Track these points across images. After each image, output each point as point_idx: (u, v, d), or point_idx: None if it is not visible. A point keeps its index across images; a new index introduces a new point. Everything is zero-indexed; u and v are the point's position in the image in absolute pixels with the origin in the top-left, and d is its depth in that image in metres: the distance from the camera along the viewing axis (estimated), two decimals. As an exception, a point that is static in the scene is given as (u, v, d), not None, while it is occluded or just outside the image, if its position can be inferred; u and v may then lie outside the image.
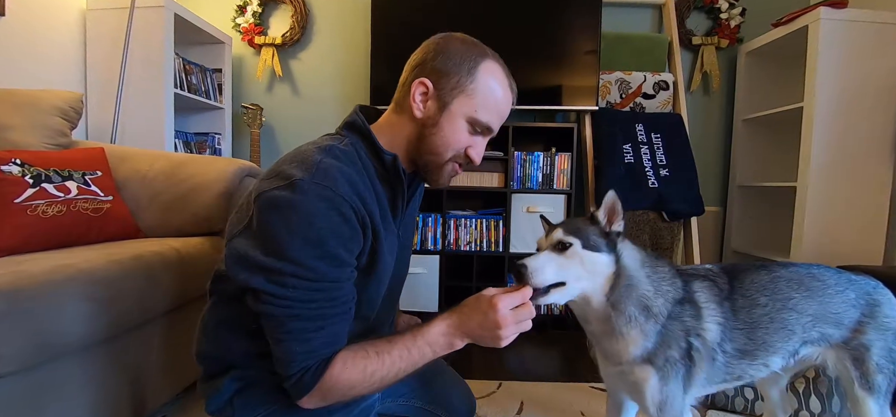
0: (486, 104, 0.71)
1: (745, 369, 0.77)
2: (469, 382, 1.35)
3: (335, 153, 0.65)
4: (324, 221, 0.59)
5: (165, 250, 1.04)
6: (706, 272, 0.79)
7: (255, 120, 2.05)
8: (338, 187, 0.60)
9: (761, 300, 0.76)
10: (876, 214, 1.77)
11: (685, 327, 0.72)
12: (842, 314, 0.78)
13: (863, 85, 1.74)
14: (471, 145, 0.73)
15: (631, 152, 1.92)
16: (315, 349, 0.61)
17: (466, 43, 0.73)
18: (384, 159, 0.70)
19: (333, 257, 0.60)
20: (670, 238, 1.92)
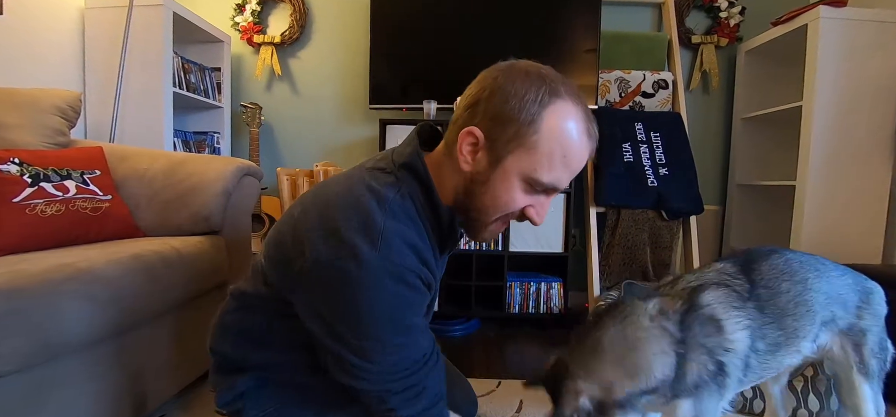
0: (551, 160, 0.58)
1: (781, 360, 0.75)
2: (468, 380, 1.36)
3: (395, 212, 0.59)
4: (395, 299, 0.58)
5: (165, 250, 1.04)
6: (719, 277, 0.74)
7: (254, 119, 2.05)
8: (405, 260, 0.58)
9: (783, 287, 0.73)
10: (875, 213, 1.77)
11: (707, 349, 0.67)
12: (846, 297, 0.79)
13: (862, 84, 1.74)
14: (531, 206, 0.62)
15: (630, 151, 1.92)
16: (425, 408, 0.64)
17: (531, 77, 0.58)
18: (440, 215, 0.64)
19: (409, 326, 0.61)
20: (669, 237, 1.92)
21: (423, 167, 0.63)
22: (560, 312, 1.95)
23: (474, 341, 1.80)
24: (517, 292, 1.94)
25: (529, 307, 1.95)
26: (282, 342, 0.69)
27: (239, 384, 0.70)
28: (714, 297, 0.70)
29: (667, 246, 1.92)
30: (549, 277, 1.97)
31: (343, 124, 2.25)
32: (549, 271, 2.03)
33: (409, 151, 0.64)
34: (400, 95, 2.01)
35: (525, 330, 1.91)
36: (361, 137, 2.25)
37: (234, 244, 1.32)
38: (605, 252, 1.94)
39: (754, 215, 2.21)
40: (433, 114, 1.90)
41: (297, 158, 2.26)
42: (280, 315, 0.66)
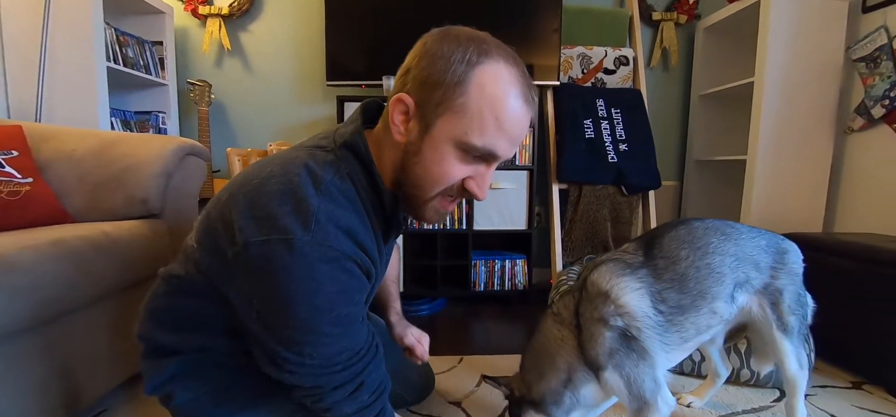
0: (482, 122, 0.54)
1: (695, 321, 0.77)
2: (432, 359, 1.34)
3: (332, 194, 0.55)
4: (330, 285, 0.54)
5: (94, 234, 0.96)
6: (612, 255, 0.80)
7: (203, 97, 1.92)
8: (341, 245, 0.54)
9: (682, 253, 0.77)
10: (817, 185, 1.86)
11: (599, 318, 0.73)
12: (758, 257, 0.82)
13: (809, 61, 1.81)
14: (470, 176, 0.58)
15: (591, 127, 1.94)
16: (366, 403, 0.62)
17: (461, 39, 0.55)
18: (383, 197, 0.62)
19: (344, 316, 0.57)
20: (629, 212, 1.97)
21: (365, 147, 0.60)
22: (524, 288, 1.97)
23: (440, 319, 1.80)
24: (482, 270, 1.95)
25: (494, 285, 1.96)
26: (217, 327, 0.64)
27: (169, 367, 0.65)
28: (598, 273, 0.77)
29: (626, 221, 1.97)
30: (513, 254, 1.98)
31: (299, 102, 2.15)
32: (513, 248, 2.04)
33: (351, 130, 0.61)
34: (358, 72, 1.93)
35: (490, 307, 1.92)
36: (319, 116, 2.16)
37: (178, 229, 1.24)
38: (567, 228, 1.97)
39: (710, 190, 2.29)
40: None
41: (252, 138, 2.15)
42: (215, 301, 0.61)
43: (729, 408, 1.08)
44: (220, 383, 0.66)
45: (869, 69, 1.72)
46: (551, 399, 0.78)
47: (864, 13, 1.77)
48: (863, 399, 1.14)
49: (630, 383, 0.72)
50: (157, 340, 0.67)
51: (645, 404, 0.72)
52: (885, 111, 1.66)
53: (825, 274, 1.18)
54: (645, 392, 0.72)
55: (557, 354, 0.77)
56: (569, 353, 0.76)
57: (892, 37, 1.64)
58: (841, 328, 1.24)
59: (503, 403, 1.11)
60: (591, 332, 0.74)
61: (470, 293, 1.96)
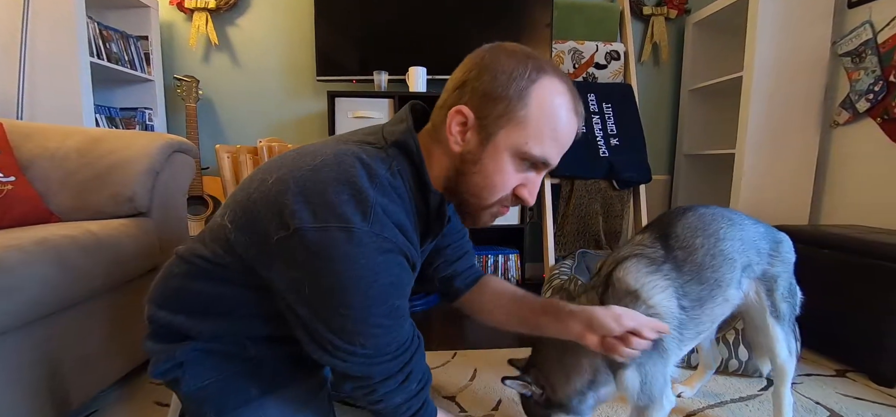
0: (540, 134, 0.58)
1: (710, 311, 0.77)
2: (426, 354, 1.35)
3: (385, 188, 0.57)
4: (385, 277, 0.56)
5: (79, 234, 0.94)
6: (633, 250, 0.77)
7: (190, 93, 1.89)
8: (397, 238, 0.56)
9: (697, 242, 0.76)
10: (803, 178, 1.89)
11: None
12: (759, 244, 0.82)
13: (796, 56, 1.83)
14: (523, 184, 0.62)
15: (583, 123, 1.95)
16: (413, 391, 0.64)
17: (518, 56, 0.59)
18: (429, 198, 0.63)
19: (396, 308, 0.59)
20: (621, 206, 1.98)
21: (417, 147, 0.62)
22: (518, 282, 1.97)
23: (434, 315, 1.80)
24: (475, 265, 1.95)
25: (487, 280, 1.96)
26: (236, 312, 0.64)
27: (178, 353, 0.64)
28: (626, 270, 0.74)
29: (618, 215, 1.98)
30: (506, 249, 1.99)
31: (289, 98, 2.13)
32: (506, 243, 2.05)
33: (403, 129, 0.63)
34: (349, 66, 1.92)
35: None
36: (309, 112, 2.14)
37: (166, 227, 1.22)
38: (559, 223, 1.98)
39: (700, 184, 2.32)
40: (384, 85, 1.83)
41: (241, 134, 2.12)
42: (241, 285, 0.61)
43: (718, 397, 1.10)
44: (230, 373, 0.66)
45: (854, 64, 1.75)
46: (578, 400, 0.77)
47: (850, 8, 1.79)
48: (847, 386, 1.17)
49: (644, 382, 0.71)
50: (169, 323, 0.65)
51: (652, 402, 0.72)
52: (870, 105, 1.69)
53: (811, 265, 1.21)
54: (654, 391, 0.71)
55: (583, 355, 0.75)
56: (594, 353, 0.72)
57: (876, 32, 1.66)
58: (826, 318, 1.26)
59: (496, 397, 1.12)
60: None
61: (463, 289, 1.96)
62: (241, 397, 0.65)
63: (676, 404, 1.07)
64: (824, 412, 1.07)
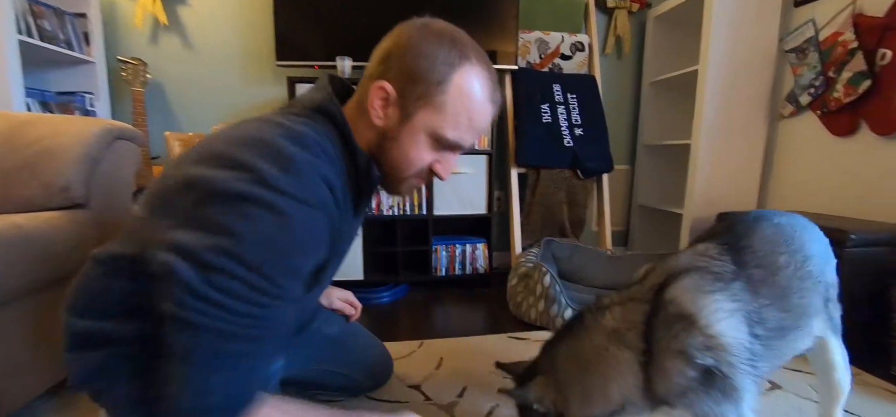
0: (456, 120, 0.60)
1: (792, 344, 0.64)
2: (392, 345, 1.34)
3: (310, 146, 0.54)
4: (300, 228, 0.50)
5: (2, 227, 0.86)
6: (693, 261, 0.62)
7: (136, 77, 1.76)
8: (318, 192, 0.52)
9: (781, 261, 0.62)
10: (752, 167, 2.00)
11: (684, 351, 0.56)
12: (830, 254, 0.72)
13: (747, 51, 1.92)
14: (438, 161, 0.64)
15: (548, 112, 1.97)
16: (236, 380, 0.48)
17: (444, 39, 0.60)
18: (358, 161, 0.62)
19: (297, 271, 0.52)
20: (584, 195, 2.03)
21: (339, 111, 0.62)
22: (485, 272, 1.99)
23: (401, 306, 1.79)
24: (443, 255, 1.95)
25: (456, 270, 1.97)
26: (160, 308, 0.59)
27: (97, 359, 0.59)
28: (682, 289, 0.59)
29: (582, 204, 2.03)
30: (473, 239, 2.00)
31: (246, 83, 2.03)
32: (473, 233, 2.06)
33: (323, 96, 0.63)
34: (311, 51, 1.84)
35: (452, 292, 1.93)
36: (268, 98, 2.04)
37: (108, 219, 1.13)
38: (526, 212, 2.00)
39: (658, 174, 2.41)
40: (348, 72, 1.77)
41: (194, 122, 2.00)
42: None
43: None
44: (157, 377, 0.61)
45: (798, 60, 1.85)
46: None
47: (796, 7, 1.89)
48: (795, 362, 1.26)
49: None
50: (85, 328, 0.60)
51: None
52: (811, 99, 1.80)
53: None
54: None
55: (613, 380, 0.60)
56: (628, 384, 0.59)
57: (818, 29, 1.77)
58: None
59: (461, 384, 1.12)
60: (665, 366, 0.57)
61: (431, 279, 1.95)
62: None
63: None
64: (765, 383, 1.15)
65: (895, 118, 1.50)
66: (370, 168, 0.63)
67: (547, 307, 1.48)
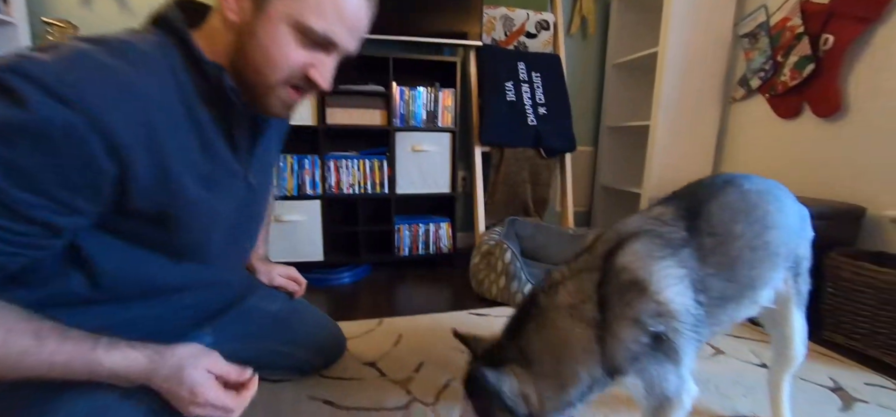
0: (319, 6, 0.52)
1: (733, 314, 0.64)
2: (350, 324, 1.30)
3: (117, 49, 0.46)
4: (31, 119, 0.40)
5: None
6: (643, 224, 0.62)
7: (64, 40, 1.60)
8: (79, 88, 0.42)
9: (737, 229, 0.61)
10: (706, 148, 2.08)
11: (632, 320, 0.56)
12: (800, 227, 0.70)
13: (704, 35, 1.96)
14: (311, 64, 0.55)
15: (513, 90, 1.95)
16: None
17: None
18: (206, 72, 0.53)
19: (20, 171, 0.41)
20: (548, 174, 2.04)
21: (178, 16, 0.53)
22: (449, 251, 1.98)
23: (362, 286, 1.75)
24: (406, 234, 1.91)
25: (419, 249, 1.94)
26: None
27: None
28: (632, 255, 0.59)
29: (545, 183, 2.04)
30: (437, 218, 1.97)
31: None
32: (437, 212, 2.03)
33: (164, 9, 0.54)
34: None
35: (415, 272, 1.90)
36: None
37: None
38: (490, 191, 1.99)
39: (620, 154, 2.46)
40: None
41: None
42: None
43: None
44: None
45: (750, 44, 1.92)
46: (562, 407, 0.62)
47: (750, -8, 1.95)
48: (745, 330, 1.32)
49: (652, 385, 0.59)
50: None
51: (667, 401, 0.60)
52: (761, 82, 1.87)
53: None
54: (668, 391, 0.59)
55: (579, 362, 0.59)
56: (591, 360, 0.59)
57: (769, 15, 1.83)
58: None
59: (418, 360, 1.11)
60: (620, 335, 0.57)
61: (394, 259, 1.92)
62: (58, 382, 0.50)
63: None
64: (710, 349, 1.20)
65: (834, 101, 1.58)
66: (222, 80, 0.54)
67: (507, 284, 1.49)
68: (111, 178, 0.46)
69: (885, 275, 1.15)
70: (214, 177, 0.58)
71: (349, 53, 0.58)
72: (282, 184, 1.73)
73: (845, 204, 1.47)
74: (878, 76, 1.47)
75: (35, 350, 0.45)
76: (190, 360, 0.54)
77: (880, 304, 1.17)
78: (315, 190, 1.76)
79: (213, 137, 0.56)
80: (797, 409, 0.93)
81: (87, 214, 0.47)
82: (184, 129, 0.53)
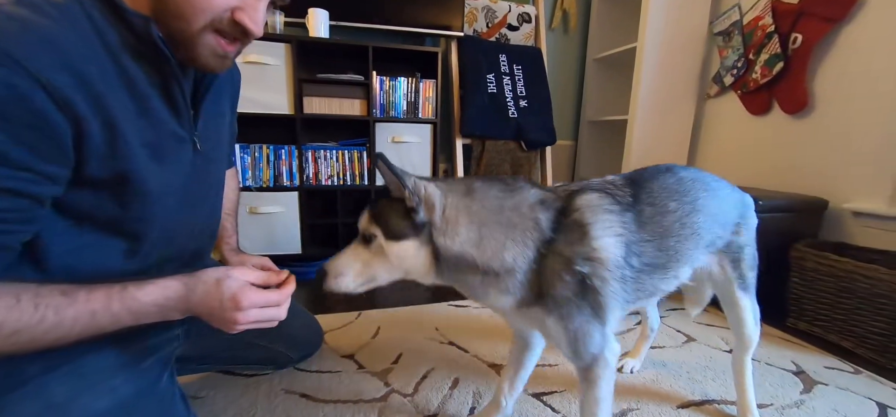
0: None
1: (657, 284, 0.69)
2: (328, 317, 1.28)
3: (33, 4, 0.43)
4: None
5: None
6: (602, 184, 0.68)
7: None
8: (10, 45, 0.39)
9: (671, 206, 0.68)
10: (681, 142, 2.13)
11: (565, 258, 0.59)
12: (728, 216, 0.76)
13: (681, 31, 2.01)
14: (239, 7, 0.51)
15: (494, 82, 1.95)
16: None
17: None
18: (132, 24, 0.49)
19: None
20: (529, 168, 2.05)
21: None
22: (430, 244, 1.97)
23: (341, 280, 1.72)
24: (387, 227, 1.89)
25: (399, 242, 1.92)
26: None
27: None
28: (588, 200, 0.63)
29: (526, 176, 2.05)
30: (418, 210, 1.96)
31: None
32: (419, 204, 2.02)
33: None
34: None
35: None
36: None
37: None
38: (471, 183, 1.99)
39: (599, 148, 2.49)
40: (280, 28, 1.64)
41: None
42: None
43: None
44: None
45: (724, 42, 1.97)
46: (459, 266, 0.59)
47: (725, -9, 2.00)
48: (707, 317, 1.36)
49: (576, 340, 0.62)
50: None
51: (592, 359, 0.64)
52: (734, 79, 1.92)
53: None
54: (592, 348, 0.63)
55: (514, 246, 0.59)
56: (523, 260, 0.59)
57: (743, 14, 1.88)
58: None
59: (397, 352, 1.10)
60: (553, 266, 0.59)
61: (374, 251, 1.90)
62: (13, 380, 0.50)
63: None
64: (682, 337, 1.24)
65: (800, 98, 1.64)
66: (149, 30, 0.50)
67: (488, 275, 1.49)
68: (69, 135, 0.44)
69: (844, 264, 1.21)
70: (159, 144, 0.54)
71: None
72: (258, 175, 1.68)
73: (809, 197, 1.53)
74: (842, 75, 1.54)
75: (68, 304, 0.46)
76: (223, 272, 0.55)
77: (840, 292, 1.23)
78: (292, 181, 1.72)
79: (148, 95, 0.53)
80: (762, 392, 0.97)
81: (60, 180, 0.46)
82: (117, 87, 0.49)
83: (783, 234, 1.40)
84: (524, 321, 0.67)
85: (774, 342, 1.26)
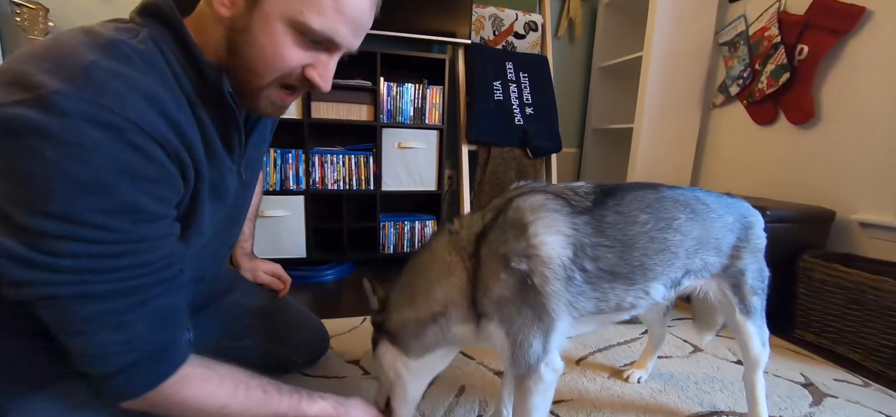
0: (319, 3, 0.48)
1: (622, 296, 0.66)
2: (333, 321, 1.28)
3: (123, 54, 0.43)
4: (105, 158, 0.39)
5: None
6: (557, 188, 0.66)
7: (34, 24, 1.53)
8: (125, 108, 0.40)
9: (641, 218, 0.65)
10: (686, 152, 2.13)
11: (501, 256, 0.58)
12: (722, 240, 0.73)
13: (686, 41, 2.01)
14: (311, 64, 0.52)
15: (500, 90, 1.96)
16: (140, 334, 0.45)
17: None
18: (205, 72, 0.50)
19: (132, 209, 0.42)
20: (534, 175, 2.05)
21: (172, 10, 0.49)
22: (435, 250, 1.97)
23: (346, 284, 1.73)
24: (391, 232, 1.90)
25: (404, 247, 1.93)
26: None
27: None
28: (528, 202, 0.61)
29: (531, 183, 2.05)
30: (423, 216, 1.96)
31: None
32: (423, 209, 2.02)
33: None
34: None
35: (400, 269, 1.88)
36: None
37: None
38: (476, 189, 1.99)
39: (604, 156, 2.50)
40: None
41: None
42: None
43: (606, 342, 1.19)
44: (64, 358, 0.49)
45: (730, 52, 1.98)
46: (412, 330, 0.64)
47: (731, 3, 2.01)
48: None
49: (515, 344, 0.59)
50: None
51: (528, 369, 0.61)
52: (740, 89, 1.93)
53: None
54: (530, 357, 0.60)
55: (437, 283, 0.61)
56: (452, 287, 0.61)
57: (748, 25, 1.89)
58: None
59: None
60: (487, 267, 0.59)
61: (379, 256, 1.90)
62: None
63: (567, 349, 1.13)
64: (689, 347, 1.23)
65: (808, 109, 1.64)
66: (221, 82, 0.51)
67: (493, 282, 1.49)
68: (180, 183, 0.48)
69: (853, 276, 1.20)
70: (217, 184, 0.56)
71: (351, 51, 0.55)
72: (264, 178, 1.69)
73: (816, 208, 1.53)
74: (848, 87, 1.54)
75: (265, 402, 0.55)
76: (358, 405, 0.65)
77: (848, 303, 1.22)
78: (299, 185, 1.73)
79: (213, 138, 0.54)
80: (771, 404, 0.96)
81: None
82: (195, 132, 0.50)
83: (790, 245, 1.39)
84: (484, 340, 0.64)
85: (783, 353, 1.25)
